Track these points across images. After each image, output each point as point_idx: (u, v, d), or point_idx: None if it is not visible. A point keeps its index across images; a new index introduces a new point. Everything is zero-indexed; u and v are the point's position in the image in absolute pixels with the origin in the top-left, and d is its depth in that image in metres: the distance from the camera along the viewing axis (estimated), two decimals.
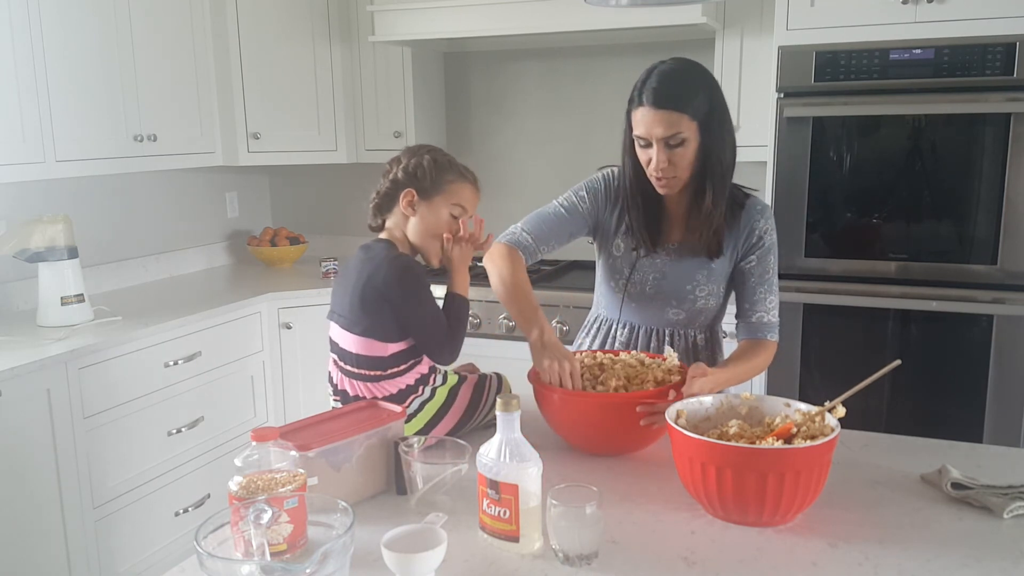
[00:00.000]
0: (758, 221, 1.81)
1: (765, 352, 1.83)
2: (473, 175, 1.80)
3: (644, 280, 1.86)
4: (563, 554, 1.21)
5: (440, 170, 1.74)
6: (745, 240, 1.81)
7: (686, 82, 1.67)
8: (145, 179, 3.48)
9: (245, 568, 1.07)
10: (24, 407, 2.36)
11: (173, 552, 2.87)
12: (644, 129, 1.67)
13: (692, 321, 1.89)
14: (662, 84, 1.65)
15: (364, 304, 1.67)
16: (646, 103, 1.66)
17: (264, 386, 3.31)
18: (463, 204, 1.76)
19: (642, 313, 1.90)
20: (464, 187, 1.76)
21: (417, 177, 1.73)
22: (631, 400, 1.54)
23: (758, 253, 1.81)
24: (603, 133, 3.63)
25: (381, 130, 3.65)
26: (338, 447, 1.38)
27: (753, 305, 1.83)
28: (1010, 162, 2.58)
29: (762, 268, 1.82)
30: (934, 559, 1.21)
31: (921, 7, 2.61)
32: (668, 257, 1.84)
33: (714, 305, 1.87)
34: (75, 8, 2.77)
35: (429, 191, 1.73)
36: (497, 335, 3.25)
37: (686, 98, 1.65)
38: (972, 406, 2.70)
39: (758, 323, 1.83)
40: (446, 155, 1.78)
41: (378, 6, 3.41)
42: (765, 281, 1.83)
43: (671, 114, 1.64)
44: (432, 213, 1.74)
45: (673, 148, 1.67)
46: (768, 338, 1.83)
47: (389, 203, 1.77)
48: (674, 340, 1.90)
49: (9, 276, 2.95)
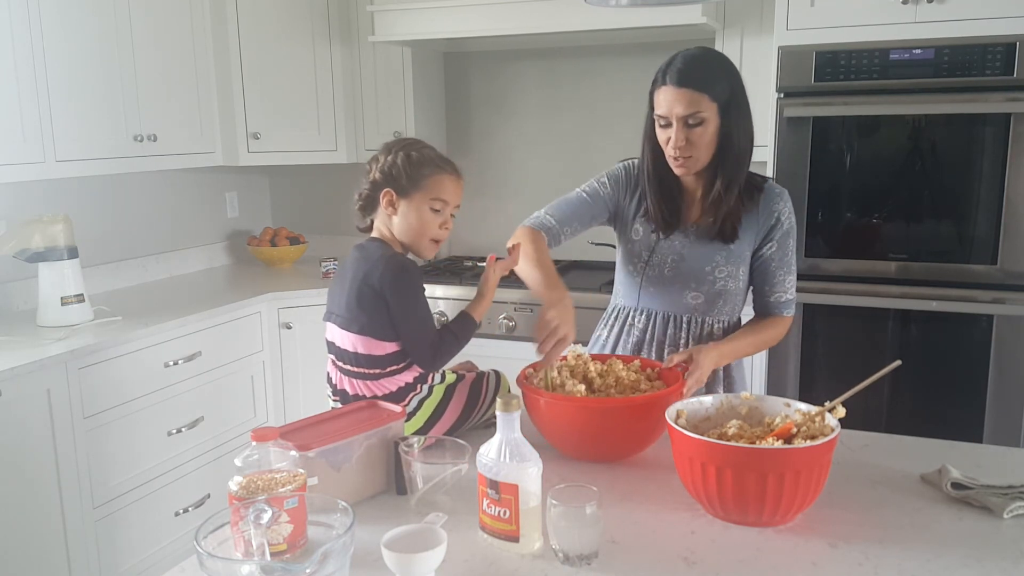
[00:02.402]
0: (777, 203, 1.84)
1: (777, 326, 1.88)
2: (451, 165, 1.77)
3: (663, 262, 1.87)
4: (563, 554, 1.21)
5: (415, 166, 1.71)
6: (765, 222, 1.84)
7: (709, 66, 1.73)
8: (145, 179, 3.48)
9: (245, 568, 1.07)
10: (24, 407, 2.36)
11: (173, 552, 2.87)
12: (665, 107, 1.71)
13: (711, 306, 1.88)
14: (686, 65, 1.70)
15: (361, 302, 1.67)
16: (669, 82, 1.70)
17: (264, 386, 3.31)
18: (443, 197, 1.73)
19: (661, 298, 1.90)
20: (442, 179, 1.73)
21: (393, 176, 1.72)
22: (616, 406, 1.53)
23: (778, 236, 1.84)
24: (603, 133, 3.63)
25: (381, 130, 3.64)
26: (338, 447, 1.38)
27: (772, 287, 1.87)
28: (1010, 162, 2.58)
29: (782, 252, 1.85)
30: (934, 559, 1.21)
31: (921, 7, 2.60)
32: (686, 239, 1.86)
33: (733, 288, 1.87)
34: (75, 8, 2.77)
35: (407, 188, 1.71)
36: (497, 335, 3.24)
37: (708, 80, 1.70)
38: (972, 406, 2.70)
39: (776, 302, 1.88)
40: (423, 148, 1.75)
41: (378, 6, 3.41)
42: (785, 263, 1.86)
43: (692, 93, 1.68)
44: (413, 210, 1.72)
45: (692, 127, 1.71)
46: (784, 314, 1.88)
47: (372, 204, 1.77)
48: (691, 327, 1.89)
49: (9, 276, 2.95)
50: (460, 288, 3.33)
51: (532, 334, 1.65)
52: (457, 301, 3.32)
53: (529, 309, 3.21)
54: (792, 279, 1.88)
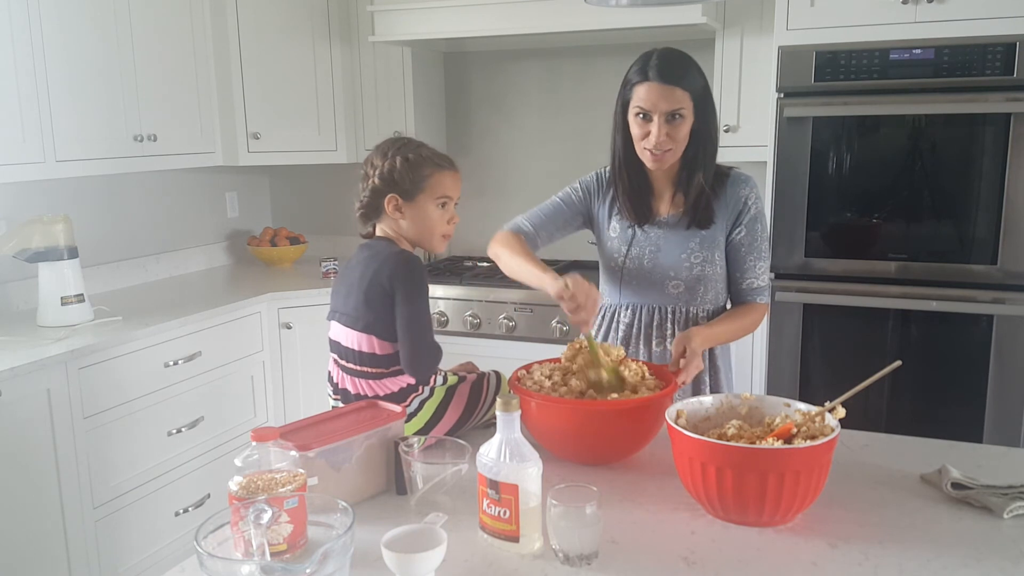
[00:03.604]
0: (743, 189, 1.90)
1: (754, 313, 1.93)
2: (449, 160, 1.78)
3: (641, 255, 1.92)
4: (563, 554, 1.21)
5: (415, 168, 1.72)
6: (732, 208, 1.89)
7: (685, 63, 1.80)
8: (145, 179, 3.48)
9: (245, 568, 1.07)
10: (24, 407, 2.36)
11: (173, 552, 2.87)
12: (649, 103, 1.77)
13: (692, 295, 1.92)
14: (666, 62, 1.77)
15: (369, 301, 1.67)
16: (652, 78, 1.76)
17: (264, 386, 3.31)
18: (447, 194, 1.75)
19: (643, 292, 1.94)
20: (443, 176, 1.74)
21: (395, 181, 1.72)
22: (606, 409, 1.51)
23: (746, 221, 1.89)
24: (603, 133, 3.57)
25: (381, 130, 3.64)
26: (338, 447, 1.38)
27: (744, 273, 1.92)
28: (1010, 162, 2.58)
29: (751, 237, 1.90)
30: (934, 559, 1.21)
31: (921, 7, 2.60)
32: (661, 231, 1.91)
33: (711, 274, 1.91)
34: (75, 8, 2.77)
35: (410, 192, 1.72)
36: (497, 335, 3.25)
37: (687, 76, 1.77)
38: (972, 406, 2.70)
39: (748, 288, 1.93)
40: (418, 148, 1.75)
41: (378, 6, 3.41)
42: (755, 249, 1.91)
43: (676, 89, 1.75)
44: (419, 211, 1.74)
45: (672, 122, 1.77)
46: (758, 301, 1.93)
47: (374, 211, 1.76)
48: (676, 317, 1.92)
49: (9, 276, 2.95)
50: (460, 288, 3.33)
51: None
52: (457, 301, 3.32)
53: (529, 309, 3.21)
54: (764, 266, 1.93)
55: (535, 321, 3.20)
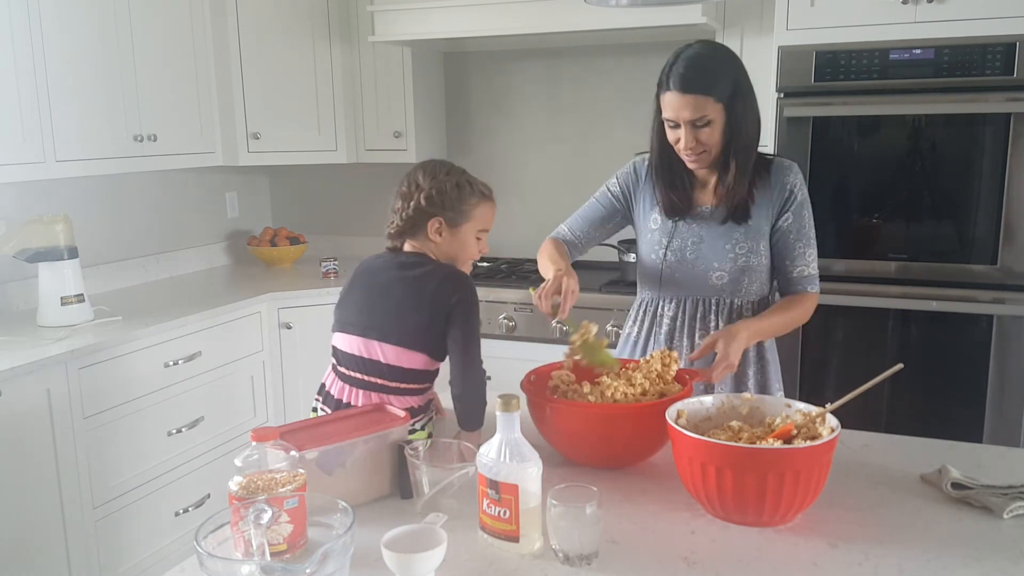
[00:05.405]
0: (787, 176, 1.87)
1: (805, 303, 1.89)
2: (490, 190, 1.78)
3: (683, 246, 1.90)
4: (563, 554, 1.21)
5: (464, 196, 1.71)
6: (779, 196, 1.86)
7: (711, 66, 1.75)
8: (145, 179, 3.48)
9: (245, 568, 1.07)
10: (24, 407, 2.36)
11: (173, 552, 2.87)
12: (672, 112, 1.75)
13: (737, 286, 1.89)
14: (688, 69, 1.73)
15: (432, 318, 1.65)
16: (673, 88, 1.73)
17: (264, 386, 3.31)
18: (487, 227, 1.76)
19: (686, 283, 1.92)
20: (487, 208, 1.75)
21: (444, 206, 1.69)
22: (621, 411, 1.52)
23: (793, 208, 1.86)
24: (603, 133, 3.63)
25: (381, 130, 3.64)
26: (339, 448, 1.38)
27: (793, 261, 1.89)
28: (1010, 162, 2.58)
29: (799, 223, 1.87)
30: (934, 559, 1.21)
31: (921, 7, 2.60)
32: (704, 221, 1.89)
33: (756, 264, 1.87)
34: (75, 8, 2.77)
35: (456, 219, 1.71)
36: (497, 335, 3.24)
37: (711, 81, 1.72)
38: (972, 406, 2.70)
39: (799, 277, 1.89)
40: (463, 174, 1.75)
41: (378, 6, 3.41)
42: (803, 236, 1.88)
43: (697, 98, 1.72)
44: (459, 238, 1.72)
45: (700, 128, 1.75)
46: (808, 290, 1.90)
47: (414, 229, 1.72)
48: (720, 308, 1.90)
49: (9, 276, 2.95)
50: None
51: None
52: None
53: (529, 309, 3.21)
54: (813, 253, 1.90)
55: (535, 321, 3.20)
